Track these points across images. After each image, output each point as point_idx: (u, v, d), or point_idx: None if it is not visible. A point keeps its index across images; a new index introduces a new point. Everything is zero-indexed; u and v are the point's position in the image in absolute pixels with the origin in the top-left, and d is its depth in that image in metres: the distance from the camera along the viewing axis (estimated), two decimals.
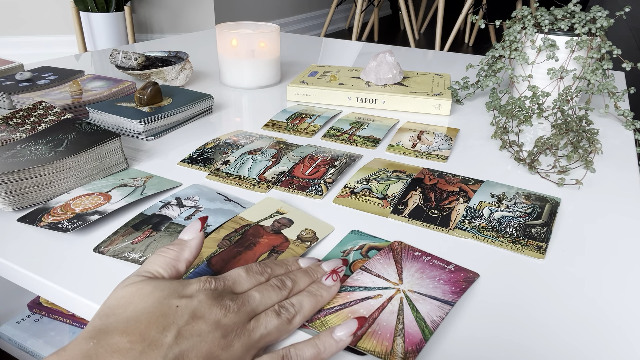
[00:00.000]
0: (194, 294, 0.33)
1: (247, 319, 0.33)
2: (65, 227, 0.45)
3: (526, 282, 0.42)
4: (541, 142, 0.63)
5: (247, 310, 0.34)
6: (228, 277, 0.36)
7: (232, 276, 0.36)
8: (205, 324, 0.31)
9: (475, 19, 0.84)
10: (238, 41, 0.87)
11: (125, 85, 0.80)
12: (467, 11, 2.61)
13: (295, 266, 0.40)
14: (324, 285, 0.39)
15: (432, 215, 0.50)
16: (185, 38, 1.32)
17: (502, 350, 0.35)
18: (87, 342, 0.29)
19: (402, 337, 0.35)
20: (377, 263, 0.43)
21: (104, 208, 0.49)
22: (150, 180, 0.55)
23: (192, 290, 0.33)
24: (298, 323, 0.36)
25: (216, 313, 0.32)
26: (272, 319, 0.34)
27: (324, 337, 0.34)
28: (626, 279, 0.43)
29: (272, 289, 0.36)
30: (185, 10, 2.55)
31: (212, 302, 0.32)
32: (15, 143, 0.53)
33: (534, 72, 0.79)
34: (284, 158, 0.61)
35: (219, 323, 0.31)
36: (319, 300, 0.37)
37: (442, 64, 1.11)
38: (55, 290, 0.40)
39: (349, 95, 0.82)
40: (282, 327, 0.34)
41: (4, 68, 0.84)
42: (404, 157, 0.64)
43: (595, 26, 0.73)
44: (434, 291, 0.39)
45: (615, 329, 0.37)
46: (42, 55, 2.29)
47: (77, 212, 0.48)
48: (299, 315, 0.35)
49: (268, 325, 0.34)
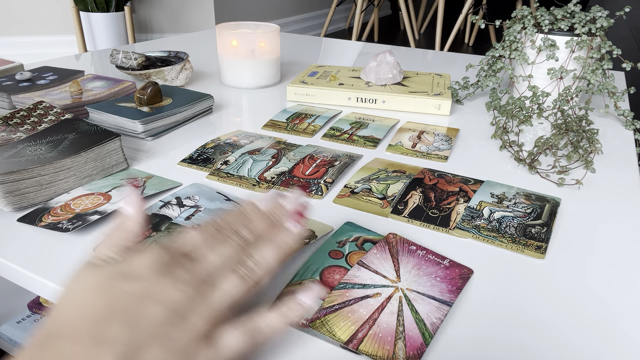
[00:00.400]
0: (141, 272, 0.30)
1: (206, 287, 0.30)
2: (65, 227, 0.45)
3: (526, 282, 0.42)
4: (541, 142, 0.63)
5: (202, 277, 0.31)
6: (180, 242, 0.33)
7: (185, 240, 0.33)
8: (157, 305, 0.28)
9: (475, 19, 0.84)
10: (238, 41, 0.87)
11: (125, 85, 0.80)
12: (467, 11, 2.61)
13: (253, 211, 0.36)
14: (289, 231, 0.35)
15: (432, 215, 0.50)
16: (185, 38, 1.32)
17: (502, 351, 0.35)
18: (34, 351, 0.27)
19: (403, 340, 0.35)
20: (374, 258, 0.43)
21: (104, 208, 0.49)
22: (150, 180, 0.55)
23: (139, 268, 0.30)
24: (264, 280, 0.33)
25: (167, 290, 0.29)
26: (234, 283, 0.31)
27: (289, 302, 0.32)
28: (626, 278, 0.43)
29: (228, 245, 0.33)
30: (185, 10, 2.55)
31: (162, 278, 0.29)
32: (15, 143, 0.53)
33: (534, 72, 0.79)
34: (284, 158, 0.61)
35: (171, 300, 0.29)
36: (284, 249, 0.34)
37: (442, 64, 1.11)
38: (55, 290, 0.40)
39: (349, 95, 0.82)
40: (244, 286, 0.31)
41: (4, 68, 0.84)
42: (404, 157, 0.64)
43: (595, 26, 0.73)
44: (431, 290, 0.39)
45: (615, 329, 0.37)
46: (42, 55, 2.29)
47: (77, 212, 0.48)
48: (263, 272, 0.33)
49: (230, 290, 0.31)
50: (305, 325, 0.36)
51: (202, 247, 0.33)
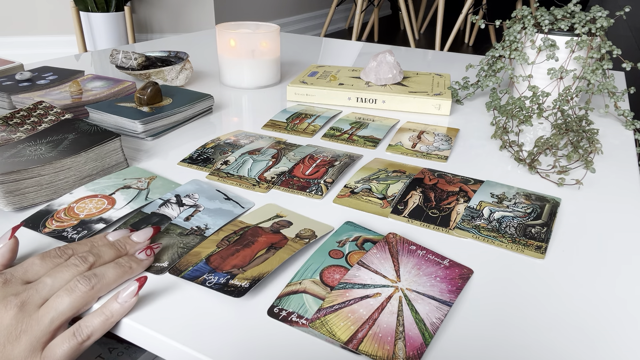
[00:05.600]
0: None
1: (36, 309, 0.34)
2: (70, 237, 0.45)
3: (526, 282, 0.42)
4: (541, 142, 0.63)
5: (34, 300, 0.35)
6: (18, 268, 0.37)
7: (24, 265, 0.37)
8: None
9: (475, 19, 0.84)
10: (238, 41, 0.87)
11: (125, 85, 0.80)
12: (467, 11, 2.61)
13: (102, 242, 0.40)
14: (136, 258, 0.39)
15: (432, 215, 0.50)
16: (185, 38, 1.32)
17: (502, 351, 0.35)
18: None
19: (403, 340, 0.35)
20: (374, 258, 0.43)
21: (108, 215, 0.48)
22: (154, 182, 0.55)
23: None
24: (100, 290, 0.37)
25: (1, 314, 0.33)
26: (63, 299, 0.35)
27: (109, 303, 0.36)
28: (626, 278, 0.43)
29: (67, 268, 0.37)
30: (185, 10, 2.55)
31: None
32: (15, 143, 0.53)
33: (534, 72, 0.79)
34: (284, 158, 0.61)
35: (3, 324, 0.33)
36: (127, 271, 0.38)
37: (442, 64, 1.11)
38: None
39: (349, 95, 0.82)
40: (78, 301, 0.35)
41: (4, 68, 0.84)
42: (404, 157, 0.64)
43: (595, 26, 0.73)
44: (431, 290, 0.39)
45: (615, 329, 0.37)
46: (42, 55, 2.29)
47: (81, 219, 0.48)
48: (99, 283, 0.36)
49: (59, 306, 0.35)
50: (305, 324, 0.36)
51: (44, 271, 0.37)
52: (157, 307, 0.38)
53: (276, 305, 0.38)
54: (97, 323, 0.35)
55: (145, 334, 0.36)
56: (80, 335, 0.34)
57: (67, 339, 0.34)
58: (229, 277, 0.40)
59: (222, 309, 0.38)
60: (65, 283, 0.36)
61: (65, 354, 0.34)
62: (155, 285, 0.40)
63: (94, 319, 0.35)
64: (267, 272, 0.40)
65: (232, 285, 0.39)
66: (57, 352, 0.34)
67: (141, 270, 0.40)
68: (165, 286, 0.40)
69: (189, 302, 0.38)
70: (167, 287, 0.40)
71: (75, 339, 0.34)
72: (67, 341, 0.34)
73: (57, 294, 0.35)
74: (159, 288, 0.40)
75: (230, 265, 0.41)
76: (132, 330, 0.37)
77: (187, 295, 0.39)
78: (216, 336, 0.35)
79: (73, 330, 0.35)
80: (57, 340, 0.34)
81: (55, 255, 0.38)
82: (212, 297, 0.39)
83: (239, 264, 0.41)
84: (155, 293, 0.39)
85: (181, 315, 0.37)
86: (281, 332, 0.36)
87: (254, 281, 0.39)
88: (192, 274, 0.40)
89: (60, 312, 0.35)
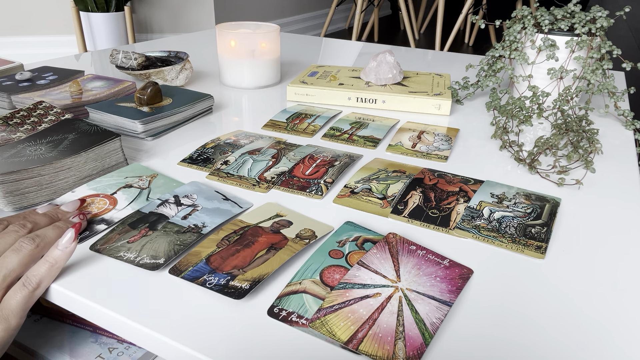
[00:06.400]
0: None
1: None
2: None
3: (526, 282, 0.42)
4: (541, 142, 0.63)
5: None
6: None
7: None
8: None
9: (475, 19, 0.84)
10: (238, 41, 0.87)
11: (125, 85, 0.80)
12: (467, 11, 2.61)
13: (34, 213, 0.44)
14: (70, 221, 0.44)
15: (432, 215, 0.50)
16: (185, 38, 1.32)
17: (502, 351, 0.35)
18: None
19: (403, 340, 0.35)
20: (374, 258, 0.43)
21: (110, 216, 0.49)
22: (155, 181, 0.55)
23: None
24: (43, 248, 0.40)
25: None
26: (12, 257, 0.39)
27: (51, 251, 0.40)
28: (627, 278, 0.43)
29: (8, 234, 0.41)
30: (185, 10, 2.55)
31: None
32: (15, 143, 0.53)
33: (534, 72, 0.79)
34: (284, 158, 0.61)
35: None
36: (62, 229, 0.42)
37: (442, 64, 1.11)
38: (55, 290, 0.40)
39: (349, 95, 0.82)
40: (25, 258, 0.39)
41: (4, 68, 0.84)
42: (404, 157, 0.64)
43: (595, 26, 0.73)
44: (431, 290, 0.39)
45: (615, 329, 0.37)
46: (42, 55, 2.29)
47: None
48: (43, 241, 0.40)
49: (9, 265, 0.38)
50: (305, 324, 0.36)
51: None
52: (157, 306, 0.38)
53: (276, 305, 0.38)
54: (43, 270, 0.39)
55: (145, 334, 0.36)
56: (30, 284, 0.38)
57: (19, 289, 0.38)
58: (229, 278, 0.40)
59: (222, 309, 0.38)
60: (9, 246, 0.40)
61: (19, 303, 0.38)
62: (155, 284, 0.40)
63: (39, 268, 0.39)
64: (267, 273, 0.40)
65: (232, 286, 0.39)
66: (12, 303, 0.37)
67: (77, 231, 0.42)
68: (165, 286, 0.40)
69: (188, 302, 0.38)
70: (167, 286, 0.40)
71: (26, 288, 0.38)
72: (20, 291, 0.38)
73: (5, 254, 0.39)
74: (158, 288, 0.40)
75: (230, 266, 0.41)
76: (132, 330, 0.37)
77: (187, 295, 0.39)
78: (216, 336, 0.35)
79: (22, 281, 0.38)
80: (10, 293, 0.38)
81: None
82: (212, 297, 0.39)
83: (239, 264, 0.41)
84: (155, 293, 0.39)
85: (181, 315, 0.37)
86: (281, 332, 0.36)
87: (254, 283, 0.39)
88: (192, 275, 0.40)
89: (11, 269, 0.38)
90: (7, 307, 0.37)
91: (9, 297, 0.38)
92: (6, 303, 0.38)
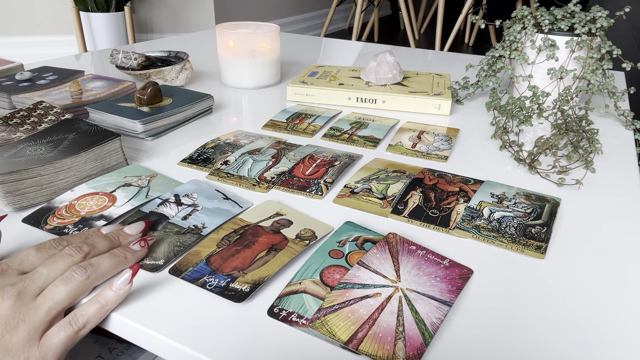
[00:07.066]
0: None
1: (32, 298, 0.35)
2: (71, 234, 0.45)
3: (526, 282, 0.42)
4: (541, 142, 0.63)
5: (30, 290, 0.35)
6: (14, 259, 0.37)
7: (20, 256, 0.37)
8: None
9: (475, 19, 0.84)
10: (238, 41, 0.87)
11: (125, 85, 0.80)
12: (467, 11, 2.61)
13: (96, 234, 0.41)
14: (130, 249, 0.40)
15: (432, 215, 0.50)
16: (185, 38, 1.32)
17: (502, 351, 0.35)
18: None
19: (403, 340, 0.35)
20: (374, 258, 0.43)
21: (109, 212, 0.49)
22: (154, 180, 0.55)
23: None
24: (95, 280, 0.37)
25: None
26: (60, 288, 0.35)
27: (104, 291, 0.36)
28: (626, 278, 0.43)
29: (62, 258, 0.37)
30: (185, 10, 2.55)
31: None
32: (15, 143, 0.53)
33: (534, 72, 0.79)
34: (284, 158, 0.61)
35: (1, 314, 0.33)
36: (121, 261, 0.39)
37: (442, 64, 1.11)
38: None
39: (349, 95, 0.82)
40: (74, 290, 0.36)
41: (4, 68, 0.84)
42: (404, 157, 0.64)
43: (595, 26, 0.73)
44: (431, 290, 0.39)
45: (615, 329, 0.37)
46: (42, 55, 2.29)
47: (82, 216, 0.48)
48: (95, 272, 0.37)
49: (56, 296, 0.35)
50: (305, 324, 0.36)
51: (40, 261, 0.37)
52: (156, 306, 0.38)
53: (276, 305, 0.38)
54: (92, 311, 0.36)
55: (145, 334, 0.36)
56: (76, 324, 0.35)
57: (64, 327, 0.35)
58: (229, 279, 0.40)
59: (222, 309, 0.38)
60: (61, 273, 0.37)
61: (62, 342, 0.34)
62: (155, 284, 0.40)
63: (89, 308, 0.36)
64: (267, 275, 0.40)
65: (232, 288, 0.39)
66: (53, 341, 0.34)
67: (135, 261, 0.41)
68: (165, 286, 0.40)
69: (188, 302, 0.38)
70: (167, 286, 0.40)
71: (71, 327, 0.35)
72: (64, 330, 0.34)
73: (54, 283, 0.36)
74: (158, 288, 0.40)
75: (230, 267, 0.41)
76: (132, 330, 0.37)
77: (187, 295, 0.39)
78: (216, 336, 0.35)
79: (69, 319, 0.35)
80: (54, 329, 0.34)
81: (50, 246, 0.39)
82: (212, 297, 0.39)
83: (239, 266, 0.41)
84: (155, 292, 0.39)
85: (181, 315, 0.37)
86: (281, 332, 0.36)
87: (255, 285, 0.39)
88: (192, 275, 0.40)
89: (57, 302, 0.35)
90: (47, 344, 0.34)
91: (51, 335, 0.34)
92: (47, 340, 0.34)
